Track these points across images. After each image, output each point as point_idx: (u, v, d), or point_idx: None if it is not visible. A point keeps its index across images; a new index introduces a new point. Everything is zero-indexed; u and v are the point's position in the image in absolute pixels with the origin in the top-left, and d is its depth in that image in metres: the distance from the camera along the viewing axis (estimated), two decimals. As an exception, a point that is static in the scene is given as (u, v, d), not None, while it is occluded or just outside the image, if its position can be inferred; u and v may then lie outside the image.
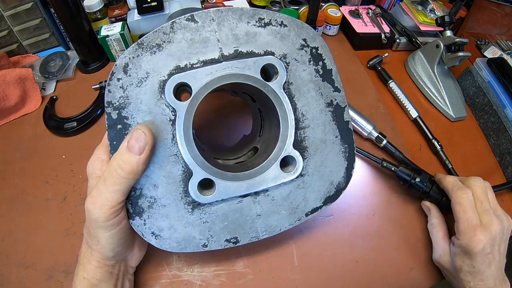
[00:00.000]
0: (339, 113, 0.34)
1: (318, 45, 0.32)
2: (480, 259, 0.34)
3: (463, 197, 0.37)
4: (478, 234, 0.34)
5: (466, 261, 0.35)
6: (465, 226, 0.36)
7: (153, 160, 0.29)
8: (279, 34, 0.31)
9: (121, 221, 0.28)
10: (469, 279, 0.35)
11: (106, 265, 0.30)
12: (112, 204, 0.26)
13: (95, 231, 0.28)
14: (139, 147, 0.26)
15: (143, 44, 0.27)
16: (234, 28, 0.29)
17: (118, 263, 0.31)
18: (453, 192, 0.38)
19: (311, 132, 0.33)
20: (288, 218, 0.34)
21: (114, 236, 0.28)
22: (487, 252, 0.34)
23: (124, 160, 0.26)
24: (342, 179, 0.35)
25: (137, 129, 0.26)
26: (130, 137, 0.26)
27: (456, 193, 0.38)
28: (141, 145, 0.26)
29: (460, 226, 0.36)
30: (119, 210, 0.27)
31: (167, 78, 0.28)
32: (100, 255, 0.29)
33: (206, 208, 0.31)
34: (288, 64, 0.31)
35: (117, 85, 0.27)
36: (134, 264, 0.34)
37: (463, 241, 0.35)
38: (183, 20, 0.28)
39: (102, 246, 0.29)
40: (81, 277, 0.29)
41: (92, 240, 0.29)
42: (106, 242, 0.28)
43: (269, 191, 0.32)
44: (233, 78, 0.29)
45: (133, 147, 0.26)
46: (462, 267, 0.36)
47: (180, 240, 0.31)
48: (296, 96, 0.32)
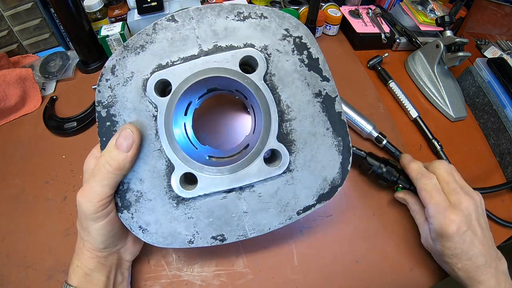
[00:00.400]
0: (329, 104, 0.32)
1: (301, 34, 0.31)
2: (459, 239, 0.33)
3: (427, 183, 0.37)
4: (448, 215, 0.34)
5: (446, 244, 0.34)
6: (434, 210, 0.35)
7: (139, 155, 0.30)
8: (259, 26, 0.30)
9: (109, 213, 0.29)
10: (455, 261, 0.34)
11: (98, 256, 0.31)
12: (100, 197, 0.28)
13: (86, 223, 0.29)
14: (127, 145, 0.28)
15: (128, 46, 0.29)
16: (212, 24, 0.30)
17: (110, 255, 0.32)
18: (417, 180, 0.38)
19: (298, 125, 0.32)
20: (277, 216, 0.33)
21: (103, 228, 0.29)
22: (464, 230, 0.33)
23: (112, 156, 0.28)
24: (337, 175, 0.33)
25: (125, 128, 0.28)
26: (118, 135, 0.28)
27: (420, 181, 0.38)
28: (128, 143, 0.28)
29: (430, 211, 0.36)
30: (107, 203, 0.29)
31: (150, 76, 0.29)
32: (91, 246, 0.30)
33: (191, 203, 0.31)
34: (270, 55, 0.31)
35: (105, 85, 0.29)
36: (128, 257, 0.34)
37: (436, 226, 0.35)
38: (164, 21, 0.29)
39: (93, 238, 0.30)
40: (75, 266, 0.31)
41: (84, 231, 0.30)
42: (96, 233, 0.29)
43: (254, 187, 0.32)
44: (211, 72, 0.30)
45: (121, 145, 0.28)
46: (444, 251, 0.35)
47: (166, 235, 0.31)
48: (280, 88, 0.31)
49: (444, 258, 0.35)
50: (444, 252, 0.35)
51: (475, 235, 0.34)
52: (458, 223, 0.33)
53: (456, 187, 0.36)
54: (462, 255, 0.34)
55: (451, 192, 0.36)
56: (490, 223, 0.45)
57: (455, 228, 0.33)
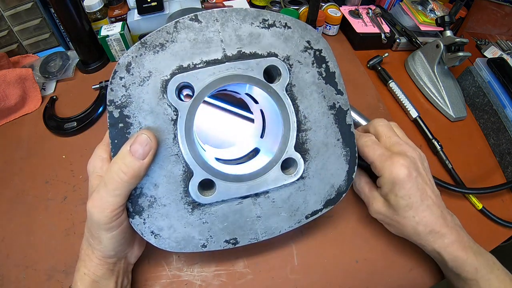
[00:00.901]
0: (341, 116, 0.34)
1: (321, 47, 0.32)
2: (411, 185, 0.33)
3: (367, 140, 0.36)
4: (395, 160, 0.33)
5: (399, 193, 0.33)
6: (380, 161, 0.34)
7: (154, 159, 0.29)
8: (283, 35, 0.31)
9: (122, 222, 0.28)
10: (412, 214, 0.33)
11: (108, 263, 0.30)
12: (113, 208, 0.26)
13: (97, 233, 0.28)
14: (143, 152, 0.26)
15: (146, 43, 0.27)
16: (237, 29, 0.29)
17: (119, 261, 0.31)
18: (357, 141, 0.36)
19: (313, 135, 0.33)
20: (288, 220, 0.34)
21: (116, 237, 0.28)
22: (415, 176, 0.33)
23: (127, 164, 0.26)
24: (343, 182, 0.35)
25: (142, 133, 0.26)
26: (134, 141, 0.26)
27: (360, 141, 0.36)
28: (145, 150, 0.26)
29: (377, 164, 0.34)
30: (121, 212, 0.28)
31: (170, 77, 0.28)
32: (101, 254, 0.29)
33: (206, 209, 0.31)
34: (291, 66, 0.31)
35: (119, 84, 0.27)
36: (133, 260, 0.34)
37: (386, 174, 0.34)
38: (186, 20, 0.28)
39: (104, 246, 0.29)
40: (82, 273, 0.30)
41: (94, 240, 0.29)
42: (108, 242, 0.28)
43: (269, 193, 0.32)
44: (236, 79, 0.29)
45: (136, 152, 0.26)
46: (399, 202, 0.33)
47: (179, 240, 0.31)
48: (299, 98, 0.32)
49: (400, 214, 0.34)
50: (399, 204, 0.33)
51: (425, 183, 0.34)
52: (407, 166, 0.33)
53: (398, 140, 0.36)
54: (418, 205, 0.33)
55: (394, 144, 0.35)
56: (490, 223, 0.45)
57: (406, 171, 0.32)
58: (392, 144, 0.36)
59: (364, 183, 0.40)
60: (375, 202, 0.37)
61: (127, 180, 0.26)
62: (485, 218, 0.46)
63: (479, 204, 0.45)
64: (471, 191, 0.46)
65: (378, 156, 0.34)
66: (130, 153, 0.26)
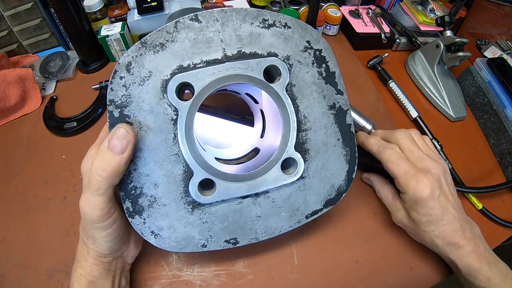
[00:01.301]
0: (341, 116, 0.34)
1: (321, 47, 0.32)
2: (433, 204, 0.33)
3: (392, 154, 0.36)
4: (420, 179, 0.33)
5: (421, 211, 0.34)
6: (404, 178, 0.34)
7: (154, 159, 0.29)
8: (283, 35, 0.31)
9: (115, 220, 0.28)
10: (432, 228, 0.34)
11: (103, 262, 0.30)
12: (101, 206, 0.26)
13: (91, 232, 0.28)
14: (122, 146, 0.25)
15: (146, 43, 0.27)
16: (238, 29, 0.29)
17: (114, 260, 0.31)
18: (380, 153, 0.37)
19: (313, 135, 0.33)
20: (288, 220, 0.34)
21: (110, 235, 0.29)
22: (437, 195, 0.33)
23: (105, 160, 0.25)
24: (343, 182, 0.35)
25: (119, 127, 0.26)
26: (111, 136, 0.25)
27: (384, 153, 0.36)
28: (123, 144, 0.25)
29: (401, 181, 0.35)
30: (112, 210, 0.28)
31: (170, 77, 0.28)
32: (97, 253, 0.29)
33: (206, 209, 0.31)
34: (291, 66, 0.31)
35: (119, 84, 0.27)
36: (130, 260, 0.34)
37: (409, 193, 0.34)
38: (187, 20, 0.28)
39: (99, 245, 0.29)
40: (78, 274, 0.29)
41: (89, 240, 0.29)
42: (102, 241, 0.29)
43: (269, 193, 0.32)
44: (235, 79, 0.29)
45: (115, 146, 0.25)
46: (420, 219, 0.34)
47: (179, 240, 0.31)
48: (299, 98, 0.32)
49: (421, 228, 0.35)
50: (420, 220, 0.34)
51: (447, 200, 0.34)
52: (431, 186, 0.33)
53: (422, 154, 0.36)
54: (438, 221, 0.34)
55: (417, 159, 0.35)
56: (490, 223, 0.45)
57: (429, 191, 0.33)
58: (415, 159, 0.35)
59: (388, 190, 0.40)
60: (398, 213, 0.38)
61: (107, 177, 0.25)
62: (485, 218, 0.46)
63: (479, 204, 0.45)
64: (471, 190, 0.46)
65: (403, 173, 0.35)
66: (108, 149, 0.25)
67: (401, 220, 0.38)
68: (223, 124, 0.44)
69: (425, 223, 0.34)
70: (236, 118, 0.44)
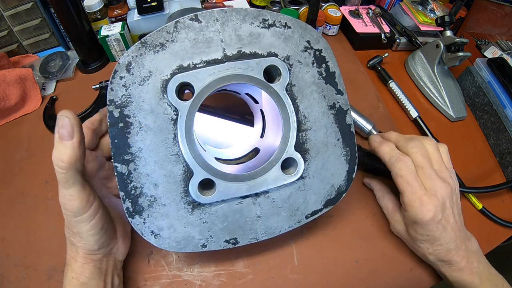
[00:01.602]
0: (341, 116, 0.34)
1: (321, 47, 0.32)
2: (432, 226, 0.34)
3: (403, 169, 0.35)
4: (425, 203, 0.33)
5: (419, 231, 0.35)
6: (410, 198, 0.34)
7: (154, 159, 0.29)
8: (283, 35, 0.31)
9: (97, 210, 0.28)
10: (427, 246, 0.35)
11: (93, 260, 0.30)
12: (78, 196, 0.27)
13: (75, 227, 0.28)
14: (68, 132, 0.25)
15: (146, 43, 0.27)
16: (238, 29, 0.29)
17: (105, 257, 0.31)
18: (392, 164, 0.36)
19: (313, 135, 0.33)
20: (288, 220, 0.34)
21: (95, 227, 0.29)
22: (439, 219, 0.33)
23: (60, 151, 0.25)
24: (343, 182, 0.35)
25: (59, 116, 0.26)
26: (57, 129, 0.26)
27: (395, 166, 0.35)
28: (69, 130, 0.25)
29: (405, 199, 0.35)
30: (91, 198, 0.28)
31: (170, 77, 0.28)
32: (85, 250, 0.29)
33: (206, 209, 0.31)
34: (291, 66, 0.31)
35: (119, 84, 0.27)
36: (121, 257, 0.34)
37: (411, 213, 0.34)
38: (187, 20, 0.28)
39: (86, 240, 0.29)
40: (70, 278, 0.29)
41: (75, 237, 0.29)
42: (88, 234, 0.29)
43: (269, 193, 0.32)
44: (235, 78, 0.29)
45: (63, 136, 0.25)
46: (417, 237, 0.35)
47: (179, 240, 0.31)
48: (299, 98, 0.32)
49: (416, 243, 0.36)
50: (417, 238, 0.36)
51: (448, 222, 0.34)
52: (434, 211, 0.33)
53: (432, 173, 0.35)
54: (434, 241, 0.35)
55: (427, 178, 0.35)
56: (490, 223, 0.45)
57: (431, 215, 0.33)
58: (425, 177, 0.35)
59: (388, 200, 0.41)
60: (396, 224, 0.39)
61: (67, 165, 0.25)
62: (485, 218, 0.46)
63: (479, 204, 0.45)
64: (471, 190, 0.46)
65: (410, 192, 0.34)
66: (59, 140, 0.25)
67: (398, 232, 0.39)
68: (223, 124, 0.44)
69: (421, 241, 0.36)
70: (236, 118, 0.44)
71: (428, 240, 0.35)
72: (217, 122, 0.44)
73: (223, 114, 0.44)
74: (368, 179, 0.44)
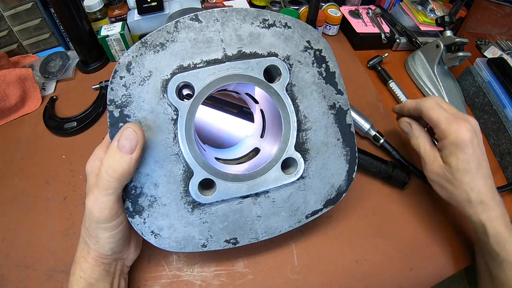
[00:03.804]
0: (341, 116, 0.34)
1: (321, 47, 0.32)
2: (472, 151, 0.34)
3: (432, 102, 0.37)
4: (462, 124, 0.34)
5: (460, 157, 0.34)
6: (445, 123, 0.35)
7: (155, 159, 0.29)
8: (283, 35, 0.31)
9: (122, 222, 0.28)
10: (468, 179, 0.34)
11: (103, 263, 0.30)
12: (111, 206, 0.26)
13: (95, 232, 0.28)
14: (131, 146, 0.25)
15: (146, 43, 0.27)
16: (238, 29, 0.29)
17: (114, 262, 0.31)
18: (421, 104, 0.38)
19: (313, 135, 0.33)
20: (288, 220, 0.34)
21: (115, 236, 0.28)
22: (476, 143, 0.34)
23: (116, 161, 0.25)
24: (343, 182, 0.35)
25: (127, 127, 0.26)
26: (120, 137, 0.26)
27: (425, 102, 0.38)
28: (132, 144, 0.25)
29: (442, 125, 0.35)
30: (120, 211, 0.28)
31: (170, 77, 0.28)
32: (97, 253, 0.29)
33: (206, 208, 0.31)
34: (292, 66, 0.32)
35: (119, 83, 0.27)
36: (129, 263, 0.34)
37: (451, 136, 0.35)
38: (187, 20, 0.28)
39: (101, 246, 0.29)
40: (78, 277, 0.29)
41: (91, 240, 0.29)
42: (106, 241, 0.28)
43: (269, 193, 0.32)
44: (236, 78, 0.29)
45: (123, 147, 0.25)
46: (458, 166, 0.35)
47: (179, 240, 0.31)
48: (299, 98, 0.32)
49: (457, 177, 0.35)
50: (459, 168, 0.34)
51: (482, 153, 0.35)
52: (472, 131, 0.34)
53: (456, 110, 0.37)
54: (475, 172, 0.34)
55: (454, 113, 0.37)
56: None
57: (470, 135, 0.34)
58: (453, 113, 0.36)
59: (426, 139, 0.40)
60: (435, 162, 0.38)
61: (117, 177, 0.25)
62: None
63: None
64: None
65: (445, 118, 0.36)
66: (118, 149, 0.25)
67: (436, 170, 0.37)
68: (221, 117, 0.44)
69: (462, 172, 0.34)
70: (234, 112, 0.44)
71: (469, 169, 0.34)
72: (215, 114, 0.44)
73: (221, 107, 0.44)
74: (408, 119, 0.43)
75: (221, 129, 0.44)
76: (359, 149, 0.46)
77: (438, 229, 0.43)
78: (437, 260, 0.40)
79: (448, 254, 0.41)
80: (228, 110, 0.45)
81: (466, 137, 0.34)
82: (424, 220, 0.44)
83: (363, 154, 0.45)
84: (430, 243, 0.41)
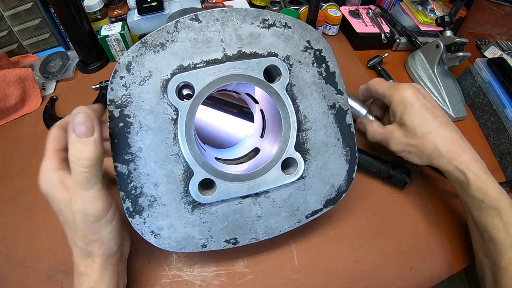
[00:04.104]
0: (341, 116, 0.34)
1: (321, 47, 0.32)
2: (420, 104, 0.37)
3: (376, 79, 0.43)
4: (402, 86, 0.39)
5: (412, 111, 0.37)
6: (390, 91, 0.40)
7: (154, 159, 0.29)
8: (283, 35, 0.31)
9: (116, 210, 0.28)
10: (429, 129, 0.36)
11: (112, 265, 0.29)
12: (101, 196, 0.25)
13: (96, 232, 0.27)
14: (88, 128, 0.24)
15: (146, 42, 0.28)
16: (238, 29, 0.29)
17: (119, 258, 0.31)
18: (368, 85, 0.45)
19: (313, 135, 0.33)
20: (288, 220, 0.34)
21: (115, 228, 0.28)
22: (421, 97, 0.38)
23: (81, 149, 0.24)
24: (343, 182, 0.35)
25: (76, 113, 0.24)
26: (74, 126, 0.24)
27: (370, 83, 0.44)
28: (88, 125, 0.24)
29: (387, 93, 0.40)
30: (110, 196, 0.27)
31: (170, 77, 0.28)
32: (104, 256, 0.28)
33: (206, 208, 0.31)
34: (292, 66, 0.32)
35: (119, 83, 0.27)
36: (126, 254, 0.33)
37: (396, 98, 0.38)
38: (187, 20, 0.28)
39: (106, 245, 0.28)
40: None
41: (93, 245, 0.27)
42: (109, 237, 0.27)
43: (269, 193, 0.32)
44: (236, 78, 0.29)
45: (81, 132, 0.24)
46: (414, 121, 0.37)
47: (179, 240, 0.31)
48: (299, 98, 0.32)
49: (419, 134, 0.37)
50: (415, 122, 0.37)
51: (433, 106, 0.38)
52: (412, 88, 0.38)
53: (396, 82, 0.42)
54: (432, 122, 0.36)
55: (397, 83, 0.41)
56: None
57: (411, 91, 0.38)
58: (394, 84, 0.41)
59: (377, 125, 0.43)
60: (394, 133, 0.40)
61: (91, 164, 0.24)
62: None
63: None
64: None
65: (388, 88, 0.40)
66: (77, 138, 0.24)
67: (398, 139, 0.39)
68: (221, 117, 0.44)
69: (419, 125, 0.36)
70: (234, 112, 0.44)
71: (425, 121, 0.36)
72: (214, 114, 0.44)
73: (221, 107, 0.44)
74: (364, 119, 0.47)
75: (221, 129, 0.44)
76: (359, 149, 0.46)
77: (438, 229, 0.43)
78: (437, 260, 0.40)
79: (448, 254, 0.41)
80: (228, 110, 0.45)
81: (408, 94, 0.37)
82: (424, 220, 0.44)
83: (363, 154, 0.45)
84: (430, 243, 0.41)
